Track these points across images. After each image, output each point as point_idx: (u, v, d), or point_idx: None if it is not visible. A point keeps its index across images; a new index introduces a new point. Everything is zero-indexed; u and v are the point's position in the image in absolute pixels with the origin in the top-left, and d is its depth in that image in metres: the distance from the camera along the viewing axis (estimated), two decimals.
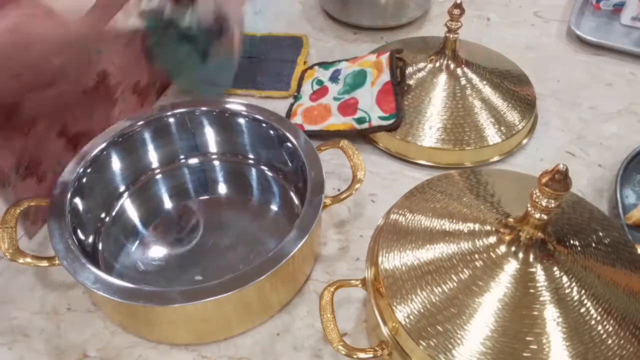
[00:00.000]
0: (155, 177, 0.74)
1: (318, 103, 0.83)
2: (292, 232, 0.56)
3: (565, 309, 0.46)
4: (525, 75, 0.84)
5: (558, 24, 1.04)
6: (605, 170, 0.76)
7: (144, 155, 0.73)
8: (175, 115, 0.72)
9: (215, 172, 0.76)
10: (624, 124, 0.83)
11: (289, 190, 0.71)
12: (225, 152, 0.76)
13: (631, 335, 0.45)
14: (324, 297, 0.52)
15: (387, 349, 0.49)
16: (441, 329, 0.46)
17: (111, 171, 0.69)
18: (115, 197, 0.70)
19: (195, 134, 0.74)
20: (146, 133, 0.71)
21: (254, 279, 0.52)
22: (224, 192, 0.75)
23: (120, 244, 0.67)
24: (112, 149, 0.68)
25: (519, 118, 0.77)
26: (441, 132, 0.75)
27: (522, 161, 0.77)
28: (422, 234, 0.53)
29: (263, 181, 0.74)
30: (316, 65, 0.92)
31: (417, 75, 0.80)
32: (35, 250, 0.67)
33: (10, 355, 0.58)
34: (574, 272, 0.48)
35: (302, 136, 0.67)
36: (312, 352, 0.57)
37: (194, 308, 0.52)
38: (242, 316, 0.58)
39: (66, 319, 0.61)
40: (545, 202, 0.45)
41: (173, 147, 0.74)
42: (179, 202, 0.73)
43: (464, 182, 0.59)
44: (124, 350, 0.58)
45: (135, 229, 0.69)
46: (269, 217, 0.71)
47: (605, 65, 0.94)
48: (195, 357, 0.57)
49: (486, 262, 0.49)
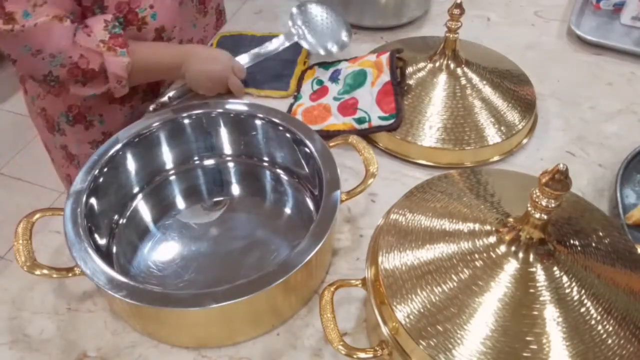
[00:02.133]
0: (169, 178, 0.74)
1: (318, 103, 0.83)
2: (310, 231, 0.56)
3: (565, 309, 0.46)
4: (525, 75, 0.84)
5: (558, 24, 1.04)
6: (605, 170, 0.75)
7: (159, 156, 0.73)
8: (192, 117, 0.72)
9: (229, 174, 0.76)
10: (624, 123, 0.83)
11: (304, 194, 0.72)
12: (241, 154, 0.76)
13: (631, 335, 0.45)
14: (324, 296, 0.52)
15: (387, 348, 0.49)
16: (441, 328, 0.46)
17: (126, 172, 0.69)
18: (129, 198, 0.70)
19: (211, 135, 0.74)
20: (162, 134, 0.71)
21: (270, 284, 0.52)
22: (237, 193, 0.75)
23: (134, 245, 0.67)
24: (128, 149, 0.68)
25: (519, 118, 0.77)
26: (441, 132, 0.75)
27: (522, 161, 0.77)
28: (422, 234, 0.53)
29: (277, 184, 0.75)
30: (316, 65, 0.92)
31: (417, 75, 0.80)
32: (36, 250, 0.67)
33: (10, 355, 0.58)
34: (574, 272, 0.48)
35: (318, 139, 0.67)
36: (312, 352, 0.57)
37: (202, 312, 0.52)
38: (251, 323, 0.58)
39: (66, 319, 0.61)
40: (545, 202, 0.45)
41: (188, 148, 0.75)
42: (193, 203, 0.73)
43: (464, 182, 0.59)
44: (124, 350, 0.58)
45: (148, 230, 0.69)
46: (282, 220, 0.71)
47: (605, 65, 0.94)
48: (196, 357, 0.57)
49: (486, 262, 0.49)
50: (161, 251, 0.66)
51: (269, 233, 0.69)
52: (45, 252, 0.67)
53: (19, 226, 0.57)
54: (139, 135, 0.69)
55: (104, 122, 0.88)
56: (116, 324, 0.60)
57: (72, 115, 0.87)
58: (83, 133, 0.89)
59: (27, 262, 0.55)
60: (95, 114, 0.87)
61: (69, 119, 0.87)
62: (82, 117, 0.87)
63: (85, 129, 0.88)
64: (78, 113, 0.86)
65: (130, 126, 0.69)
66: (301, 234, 0.56)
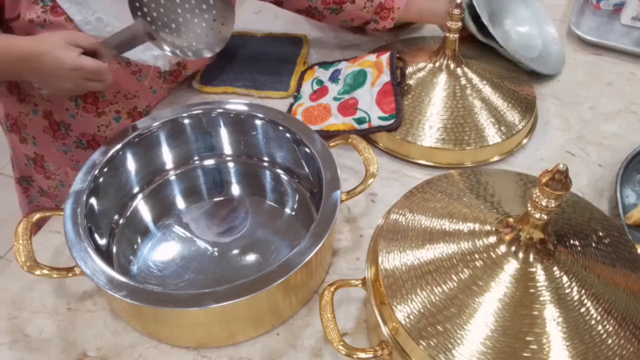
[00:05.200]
0: (169, 178, 0.74)
1: (318, 103, 0.83)
2: (310, 231, 0.56)
3: (565, 309, 0.46)
4: (525, 75, 0.84)
5: (558, 24, 1.04)
6: (605, 170, 0.75)
7: (159, 156, 0.73)
8: (192, 117, 0.72)
9: (229, 174, 0.76)
10: (624, 123, 0.83)
11: (304, 194, 0.72)
12: (241, 154, 0.76)
13: (631, 335, 0.45)
14: (324, 297, 0.52)
15: (387, 348, 0.49)
16: (441, 328, 0.46)
17: (127, 172, 0.69)
18: (129, 198, 0.70)
19: (211, 135, 0.74)
20: (162, 134, 0.71)
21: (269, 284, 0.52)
22: (237, 193, 0.75)
23: (134, 245, 0.67)
24: (128, 149, 0.68)
25: (519, 118, 0.77)
26: (441, 132, 0.75)
27: (522, 161, 0.77)
28: (422, 234, 0.53)
29: (277, 184, 0.74)
30: (316, 65, 0.92)
31: (417, 75, 0.80)
32: (36, 250, 0.67)
33: (10, 355, 0.58)
34: (574, 272, 0.48)
35: (318, 139, 0.67)
36: (312, 352, 0.57)
37: (202, 312, 0.52)
38: (251, 323, 0.58)
39: (66, 319, 0.61)
40: (545, 202, 0.45)
41: (188, 148, 0.74)
42: (193, 203, 0.73)
43: (464, 182, 0.59)
44: (124, 350, 0.58)
45: (148, 230, 0.69)
46: (282, 220, 0.71)
47: (605, 65, 0.94)
48: (196, 357, 0.57)
49: (486, 262, 0.49)
50: (161, 251, 0.66)
51: (269, 233, 0.68)
52: (45, 252, 0.67)
53: (19, 226, 0.57)
54: (139, 135, 0.69)
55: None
56: (116, 324, 0.60)
57: (86, 140, 0.84)
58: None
59: (27, 262, 0.55)
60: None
61: (81, 142, 0.85)
62: (97, 144, 0.84)
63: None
64: (92, 139, 0.84)
65: (131, 125, 0.69)
66: (301, 234, 0.57)
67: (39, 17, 0.68)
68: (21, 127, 0.84)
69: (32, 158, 0.88)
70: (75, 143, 0.84)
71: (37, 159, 0.88)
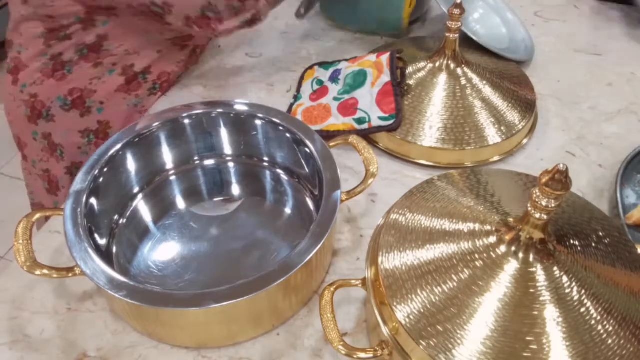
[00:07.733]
0: (169, 178, 0.74)
1: (318, 103, 0.83)
2: (310, 231, 0.56)
3: (565, 309, 0.46)
4: (525, 75, 0.84)
5: (558, 24, 1.04)
6: (605, 170, 0.75)
7: (159, 156, 0.73)
8: (192, 117, 0.72)
9: (229, 174, 0.76)
10: (624, 123, 0.83)
11: (304, 194, 0.72)
12: (241, 154, 0.76)
13: (631, 335, 0.45)
14: (324, 297, 0.52)
15: (387, 349, 0.49)
16: (441, 329, 0.46)
17: (127, 172, 0.69)
18: (129, 198, 0.70)
19: (211, 135, 0.74)
20: (162, 134, 0.71)
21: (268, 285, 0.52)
22: (238, 194, 0.75)
23: (134, 246, 0.67)
24: (128, 149, 0.68)
25: (519, 118, 0.77)
26: (441, 132, 0.75)
27: (522, 161, 0.77)
28: (422, 234, 0.53)
29: (277, 184, 0.74)
30: (316, 65, 0.92)
31: (417, 75, 0.80)
32: (36, 250, 0.67)
33: (10, 355, 0.58)
34: (574, 272, 0.48)
35: (318, 139, 0.67)
36: (312, 352, 0.57)
37: (202, 312, 0.52)
38: (252, 323, 0.57)
39: (66, 319, 0.61)
40: (545, 202, 0.45)
41: (188, 148, 0.74)
42: (193, 204, 0.73)
43: (464, 182, 0.59)
44: (124, 350, 0.58)
45: (148, 230, 0.69)
46: (283, 220, 0.70)
47: (605, 65, 0.94)
48: (196, 357, 0.57)
49: (486, 262, 0.49)
50: (161, 251, 0.66)
51: (269, 233, 0.68)
52: (45, 252, 0.67)
53: (19, 226, 0.57)
54: (139, 135, 0.69)
55: (102, 110, 0.87)
56: (116, 324, 0.60)
57: (72, 99, 0.85)
58: (76, 120, 0.87)
59: (27, 262, 0.55)
60: (96, 100, 0.86)
61: (66, 103, 0.85)
62: (82, 103, 0.85)
63: (80, 115, 0.86)
64: (79, 97, 0.85)
65: (131, 126, 0.69)
66: (301, 234, 0.56)
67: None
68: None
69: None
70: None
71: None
